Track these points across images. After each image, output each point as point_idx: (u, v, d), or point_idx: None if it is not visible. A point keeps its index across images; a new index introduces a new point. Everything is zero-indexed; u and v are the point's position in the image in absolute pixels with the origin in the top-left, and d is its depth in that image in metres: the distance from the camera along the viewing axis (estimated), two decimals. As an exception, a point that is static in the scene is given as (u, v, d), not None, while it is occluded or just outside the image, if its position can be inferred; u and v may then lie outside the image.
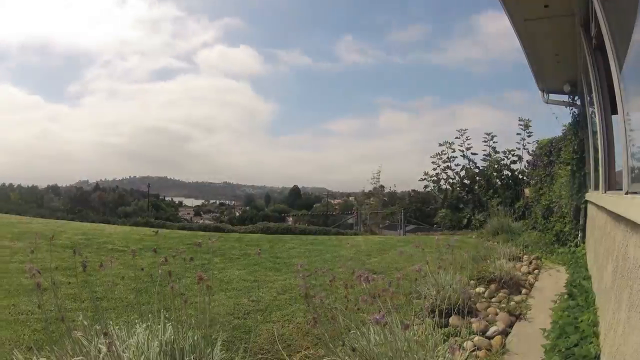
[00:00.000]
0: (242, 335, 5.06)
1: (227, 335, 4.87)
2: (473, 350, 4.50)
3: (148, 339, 3.52)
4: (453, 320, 5.18)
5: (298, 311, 5.92)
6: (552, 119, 12.06)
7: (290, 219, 48.76)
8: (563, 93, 10.85)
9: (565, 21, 7.35)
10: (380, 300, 3.72)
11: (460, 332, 4.86)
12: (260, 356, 4.57)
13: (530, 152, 19.06)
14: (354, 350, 3.64)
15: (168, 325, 3.69)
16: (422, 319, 5.01)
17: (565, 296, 6.19)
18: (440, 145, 23.20)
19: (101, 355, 3.25)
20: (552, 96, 11.38)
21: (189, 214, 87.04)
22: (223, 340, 4.25)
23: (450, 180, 23.25)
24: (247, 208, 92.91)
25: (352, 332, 3.88)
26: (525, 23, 7.42)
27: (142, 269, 6.44)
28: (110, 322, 3.75)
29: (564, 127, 12.13)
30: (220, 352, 3.80)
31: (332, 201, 78.26)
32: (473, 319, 5.25)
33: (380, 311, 3.45)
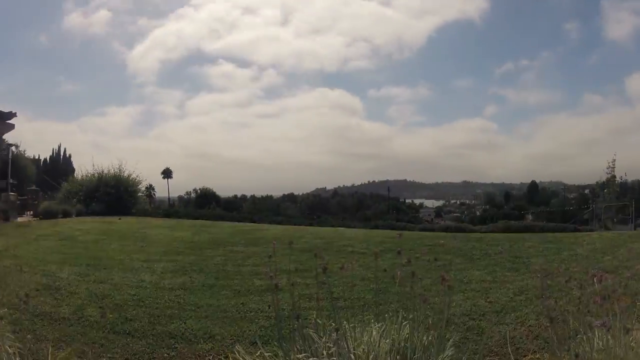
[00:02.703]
0: (475, 337, 5.21)
1: (459, 337, 4.98)
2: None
3: (380, 337, 3.60)
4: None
5: (531, 313, 5.90)
6: None
7: (529, 216, 50.11)
8: None
9: None
10: (609, 302, 3.58)
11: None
12: (488, 358, 4.66)
13: None
14: (577, 356, 3.51)
15: (405, 324, 3.78)
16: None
17: None
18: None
19: (329, 351, 3.34)
20: None
21: (429, 215, 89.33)
22: (455, 341, 4.30)
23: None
24: (487, 207, 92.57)
25: (578, 336, 3.85)
26: None
27: (385, 270, 6.62)
28: (345, 322, 3.84)
29: None
30: (451, 353, 3.82)
31: (569, 195, 75.35)
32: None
33: (607, 314, 3.44)
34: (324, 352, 3.36)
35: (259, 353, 3.87)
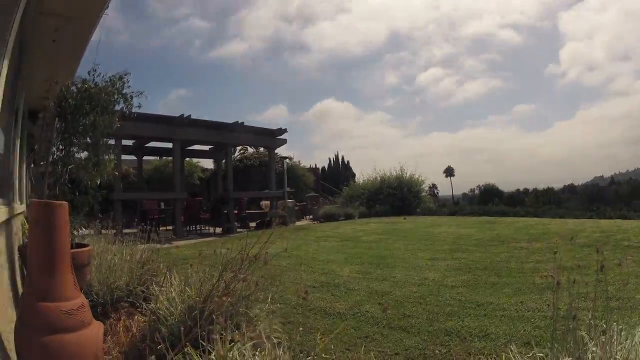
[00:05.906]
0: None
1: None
2: None
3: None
4: None
5: None
6: None
7: None
8: None
9: None
10: None
11: None
12: None
13: None
14: None
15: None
16: None
17: None
18: None
19: (593, 355, 3.40)
20: None
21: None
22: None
23: None
24: None
25: None
26: None
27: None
28: (614, 323, 3.81)
29: None
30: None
31: None
32: None
33: None
34: (589, 356, 3.41)
35: (531, 354, 3.92)
